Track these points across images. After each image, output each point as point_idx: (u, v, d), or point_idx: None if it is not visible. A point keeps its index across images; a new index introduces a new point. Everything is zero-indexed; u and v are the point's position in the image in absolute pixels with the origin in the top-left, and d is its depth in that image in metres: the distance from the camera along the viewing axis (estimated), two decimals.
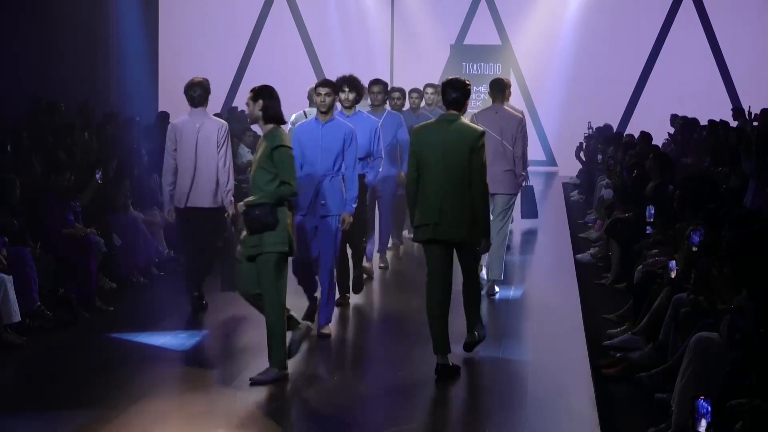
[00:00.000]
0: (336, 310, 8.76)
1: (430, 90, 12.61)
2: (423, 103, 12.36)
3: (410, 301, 9.59)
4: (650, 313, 7.69)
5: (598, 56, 21.61)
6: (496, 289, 9.88)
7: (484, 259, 9.55)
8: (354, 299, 9.56)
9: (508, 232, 10.14)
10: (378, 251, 11.09)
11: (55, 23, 15.83)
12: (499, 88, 9.96)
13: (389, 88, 11.19)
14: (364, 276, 9.98)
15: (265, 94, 7.17)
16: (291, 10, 22.05)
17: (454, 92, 7.39)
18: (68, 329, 8.53)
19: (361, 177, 9.01)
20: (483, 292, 8.95)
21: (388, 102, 10.99)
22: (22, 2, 14.89)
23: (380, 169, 9.53)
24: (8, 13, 14.41)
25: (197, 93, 8.96)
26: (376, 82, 10.57)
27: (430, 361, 7.51)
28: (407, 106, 12.14)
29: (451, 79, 7.48)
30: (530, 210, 13.20)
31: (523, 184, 11.21)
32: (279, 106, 7.18)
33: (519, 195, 10.74)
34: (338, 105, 8.87)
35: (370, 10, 22.11)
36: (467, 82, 7.46)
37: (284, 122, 7.29)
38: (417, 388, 7.12)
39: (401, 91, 11.53)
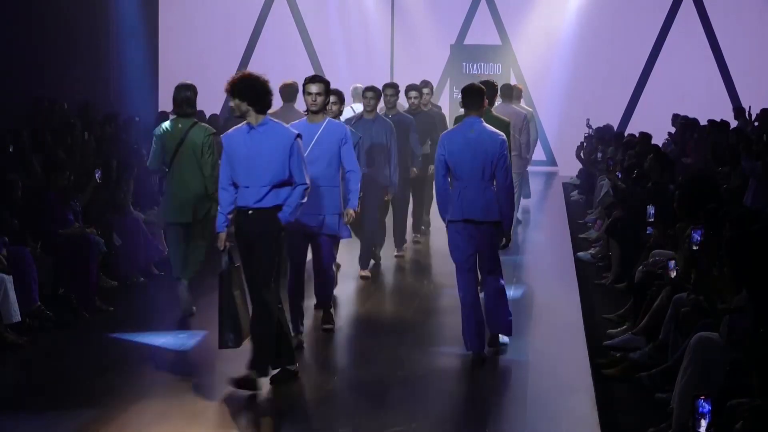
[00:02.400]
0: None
1: (389, 91, 11.15)
2: (381, 106, 10.85)
3: (408, 306, 9.60)
4: (650, 313, 7.69)
5: (598, 56, 21.57)
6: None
7: None
8: (354, 303, 9.55)
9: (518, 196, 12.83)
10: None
11: (56, 23, 15.81)
12: (508, 90, 12.59)
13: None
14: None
15: None
16: (291, 10, 22.02)
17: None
18: (68, 329, 8.53)
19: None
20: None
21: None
22: (23, 2, 14.88)
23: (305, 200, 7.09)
24: (8, 13, 14.40)
25: (287, 92, 10.31)
26: (313, 79, 7.95)
27: (429, 362, 7.51)
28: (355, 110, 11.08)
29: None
30: (525, 192, 15.81)
31: (528, 165, 13.48)
32: None
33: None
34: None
35: (370, 10, 22.08)
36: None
37: None
38: (417, 388, 7.12)
39: (337, 93, 9.04)
